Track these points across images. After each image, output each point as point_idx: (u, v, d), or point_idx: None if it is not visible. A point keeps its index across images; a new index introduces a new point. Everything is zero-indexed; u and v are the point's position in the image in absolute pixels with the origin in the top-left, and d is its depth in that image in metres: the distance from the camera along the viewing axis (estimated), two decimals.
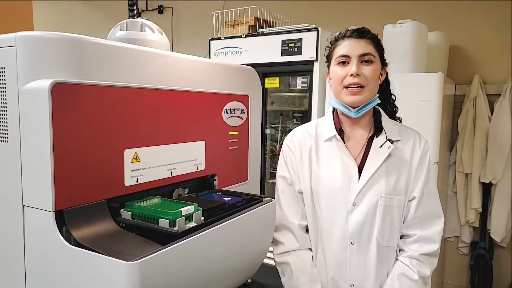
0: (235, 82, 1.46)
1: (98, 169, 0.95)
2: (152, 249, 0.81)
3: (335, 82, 1.25)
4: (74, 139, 0.89)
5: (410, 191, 1.25)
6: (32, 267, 0.93)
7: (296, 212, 1.32)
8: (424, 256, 1.23)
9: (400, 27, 2.38)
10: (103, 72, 0.98)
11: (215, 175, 1.36)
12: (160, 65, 1.14)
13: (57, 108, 0.84)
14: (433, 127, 2.22)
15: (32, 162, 0.88)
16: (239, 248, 1.12)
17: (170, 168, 1.16)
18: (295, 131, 1.38)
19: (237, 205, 1.16)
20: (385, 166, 1.24)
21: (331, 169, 1.27)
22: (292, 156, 1.34)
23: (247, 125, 1.50)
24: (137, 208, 1.02)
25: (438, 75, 2.22)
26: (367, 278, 1.24)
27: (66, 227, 0.88)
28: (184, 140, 1.20)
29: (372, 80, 1.22)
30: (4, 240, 0.98)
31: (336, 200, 1.25)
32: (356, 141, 1.29)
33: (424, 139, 1.30)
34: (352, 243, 1.24)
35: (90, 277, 0.81)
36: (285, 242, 1.31)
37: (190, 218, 1.01)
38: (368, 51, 1.21)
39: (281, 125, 2.92)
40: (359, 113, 1.24)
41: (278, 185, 1.37)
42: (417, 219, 1.25)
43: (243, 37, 2.75)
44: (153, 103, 1.09)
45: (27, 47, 0.88)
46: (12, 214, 0.94)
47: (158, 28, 1.30)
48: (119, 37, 1.22)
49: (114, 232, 0.94)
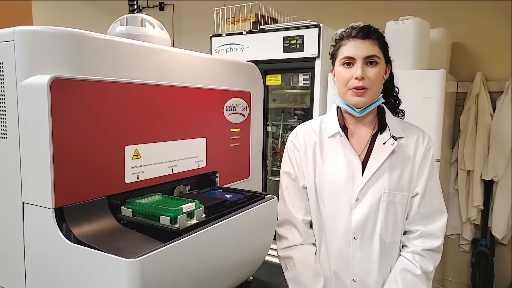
0: (237, 79, 1.45)
1: (99, 166, 0.94)
2: (153, 246, 0.80)
3: (339, 83, 1.25)
4: (74, 135, 0.88)
5: (413, 187, 1.25)
6: (32, 265, 0.92)
7: (300, 208, 1.31)
8: (427, 252, 1.23)
9: (403, 23, 2.37)
10: (103, 67, 0.97)
11: (216, 172, 1.35)
12: (160, 61, 1.13)
13: (56, 104, 0.83)
14: (435, 124, 2.22)
15: (32, 159, 0.87)
16: (241, 246, 1.11)
17: (171, 165, 1.15)
18: (299, 128, 1.38)
19: (238, 203, 1.15)
20: (388, 163, 1.24)
21: (335, 165, 1.27)
22: (296, 152, 1.33)
23: (248, 122, 1.49)
24: (138, 205, 1.01)
25: (440, 72, 2.21)
26: (370, 273, 1.24)
27: (66, 224, 0.87)
28: (185, 137, 1.20)
29: (377, 82, 1.22)
30: (4, 237, 0.97)
31: (339, 196, 1.25)
32: (360, 138, 1.29)
33: (427, 136, 1.30)
34: (355, 238, 1.24)
35: (90, 274, 0.80)
36: (289, 237, 1.31)
37: (191, 215, 1.00)
38: (373, 53, 1.20)
39: (283, 122, 2.90)
40: (363, 112, 1.24)
41: (282, 181, 1.37)
42: (420, 215, 1.25)
43: (245, 34, 2.73)
44: (154, 99, 1.08)
45: (25, 42, 0.87)
46: (11, 211, 0.93)
47: (159, 23, 1.28)
48: (119, 32, 1.21)
49: (115, 229, 0.93)
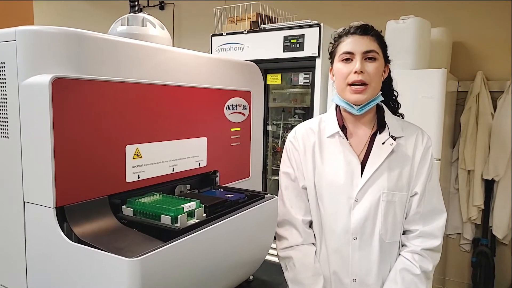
0: (237, 78, 1.45)
1: (99, 165, 0.94)
2: (154, 245, 0.80)
3: (338, 79, 1.25)
4: (75, 134, 0.88)
5: (412, 186, 1.25)
6: (33, 264, 0.92)
7: (300, 208, 1.31)
8: (426, 251, 1.23)
9: (403, 23, 2.37)
10: (104, 67, 0.97)
11: (217, 171, 1.35)
12: (161, 60, 1.13)
13: (58, 104, 0.84)
14: (435, 124, 2.22)
15: (33, 158, 0.88)
16: (241, 245, 1.11)
17: (172, 164, 1.15)
18: (298, 128, 1.38)
19: (239, 202, 1.15)
20: (387, 163, 1.24)
21: (334, 165, 1.27)
22: (295, 153, 1.33)
23: (249, 122, 1.49)
24: (138, 205, 1.01)
25: (441, 72, 2.21)
26: (370, 273, 1.24)
27: (67, 224, 0.87)
28: (186, 136, 1.20)
29: (376, 77, 1.21)
30: (5, 236, 0.97)
31: (338, 196, 1.25)
32: (359, 138, 1.29)
33: (426, 135, 1.30)
34: (354, 238, 1.24)
35: (91, 273, 0.81)
36: (289, 237, 1.31)
37: (192, 215, 1.00)
38: (372, 48, 1.20)
39: (283, 121, 2.91)
40: (362, 110, 1.24)
41: (282, 181, 1.36)
42: (419, 214, 1.25)
43: (245, 33, 2.73)
44: (154, 98, 1.08)
45: (27, 41, 0.87)
46: (12, 210, 0.93)
47: (159, 23, 1.29)
48: (120, 32, 1.21)
49: (116, 229, 0.93)
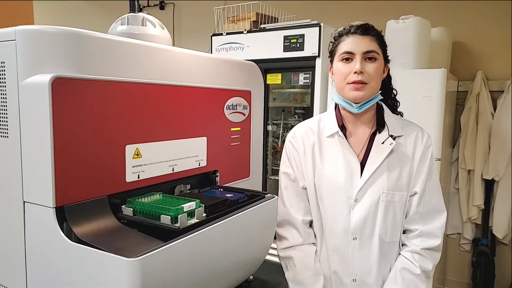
0: (237, 78, 1.45)
1: (99, 165, 0.94)
2: (154, 245, 0.80)
3: (338, 79, 1.25)
4: (74, 134, 0.88)
5: (412, 186, 1.25)
6: (33, 264, 0.92)
7: (300, 208, 1.31)
8: (426, 251, 1.23)
9: (403, 22, 2.36)
10: (104, 66, 0.97)
11: (217, 171, 1.35)
12: (161, 60, 1.13)
13: (58, 103, 0.84)
14: (435, 124, 2.22)
15: (33, 158, 0.88)
16: (241, 245, 1.11)
17: (172, 164, 1.15)
18: (297, 127, 1.38)
19: (239, 202, 1.15)
20: (387, 162, 1.24)
21: (334, 165, 1.27)
22: (295, 153, 1.33)
23: (249, 121, 1.49)
24: (138, 204, 1.01)
25: (441, 71, 2.20)
26: (370, 273, 1.24)
27: (67, 223, 0.87)
28: (186, 136, 1.20)
29: (375, 77, 1.21)
30: (5, 236, 0.97)
31: (338, 196, 1.25)
32: (358, 137, 1.29)
33: (426, 134, 1.30)
34: (354, 238, 1.24)
35: (91, 273, 0.81)
36: (289, 237, 1.31)
37: (192, 215, 1.00)
38: (372, 48, 1.20)
39: (283, 121, 2.91)
40: (361, 108, 1.23)
41: (281, 182, 1.36)
42: (419, 214, 1.25)
43: (245, 33, 2.73)
44: (154, 98, 1.08)
45: (27, 41, 0.87)
46: (12, 210, 0.93)
47: (159, 22, 1.28)
48: (120, 31, 1.21)
49: (115, 229, 0.93)
